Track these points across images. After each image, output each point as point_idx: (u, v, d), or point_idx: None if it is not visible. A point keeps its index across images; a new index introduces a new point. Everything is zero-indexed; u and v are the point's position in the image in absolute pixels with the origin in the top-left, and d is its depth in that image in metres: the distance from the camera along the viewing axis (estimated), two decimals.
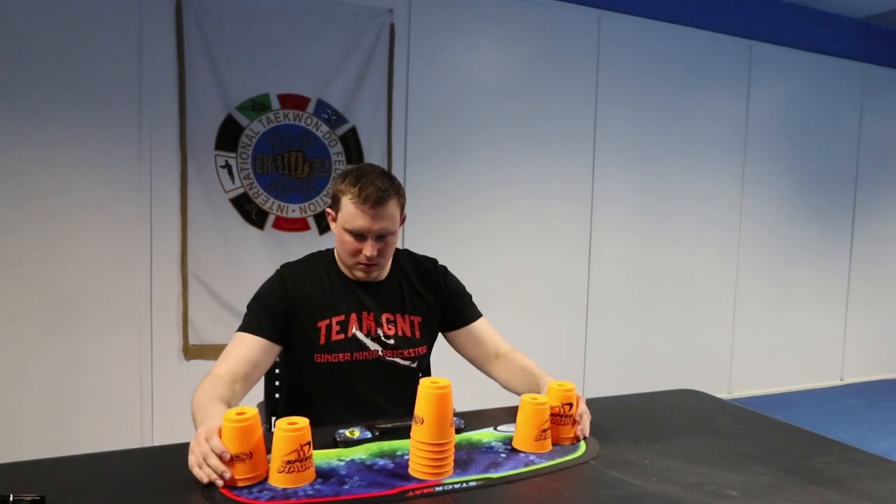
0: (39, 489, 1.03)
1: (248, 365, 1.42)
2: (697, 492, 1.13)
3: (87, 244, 2.83)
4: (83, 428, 2.86)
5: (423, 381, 1.16)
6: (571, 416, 1.33)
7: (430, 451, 1.14)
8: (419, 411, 1.15)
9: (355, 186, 1.42)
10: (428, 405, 1.14)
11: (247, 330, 1.46)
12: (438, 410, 1.14)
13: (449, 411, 1.15)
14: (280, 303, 1.49)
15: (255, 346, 1.44)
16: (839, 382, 4.93)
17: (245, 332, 1.46)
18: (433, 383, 1.15)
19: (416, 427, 1.15)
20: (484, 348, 1.62)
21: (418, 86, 3.39)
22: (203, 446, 1.09)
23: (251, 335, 1.45)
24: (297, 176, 3.12)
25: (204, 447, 1.08)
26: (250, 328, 1.46)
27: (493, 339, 1.63)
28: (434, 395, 1.14)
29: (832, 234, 4.81)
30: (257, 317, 1.47)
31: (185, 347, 3.01)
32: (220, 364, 1.42)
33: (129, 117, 2.85)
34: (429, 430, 1.13)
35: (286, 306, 1.49)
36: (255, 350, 1.44)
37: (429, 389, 1.14)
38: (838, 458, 1.32)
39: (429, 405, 1.14)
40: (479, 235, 3.60)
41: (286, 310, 1.49)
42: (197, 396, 1.34)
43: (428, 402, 1.14)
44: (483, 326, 1.64)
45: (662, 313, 4.17)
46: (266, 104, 3.04)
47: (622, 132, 3.93)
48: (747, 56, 4.29)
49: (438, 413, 1.14)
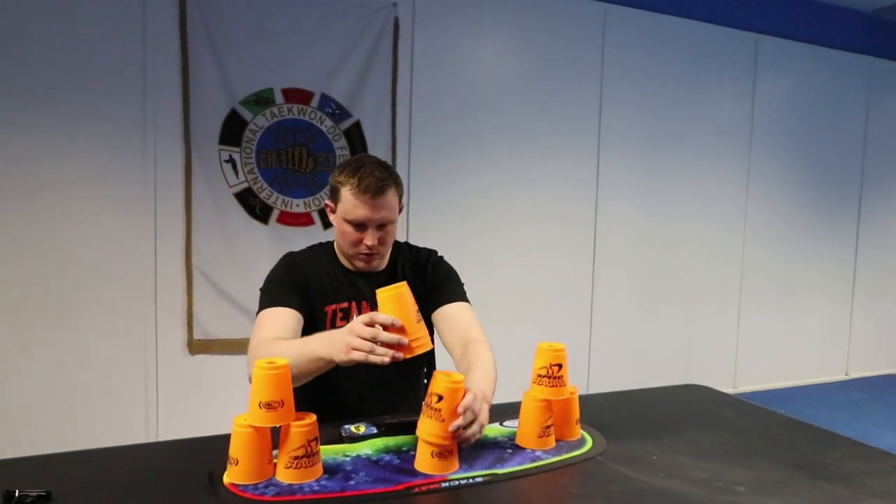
0: (45, 485, 1.03)
1: (290, 332, 1.39)
2: (705, 488, 1.12)
3: (91, 237, 2.83)
4: (88, 422, 2.86)
5: (437, 375, 1.15)
6: (561, 376, 1.27)
7: (438, 444, 1.13)
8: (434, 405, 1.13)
9: (354, 177, 1.42)
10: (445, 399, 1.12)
11: (275, 305, 1.43)
12: (451, 405, 1.13)
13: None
14: (296, 280, 1.50)
15: (289, 316, 1.42)
16: (844, 377, 4.92)
17: (273, 307, 1.43)
18: (447, 377, 1.14)
19: (427, 421, 1.14)
20: (453, 333, 1.51)
21: (423, 80, 3.37)
22: (367, 330, 1.12)
23: (282, 308, 1.42)
24: (302, 170, 3.11)
25: (368, 330, 1.12)
26: (278, 302, 1.43)
27: (464, 325, 1.51)
28: (449, 390, 1.12)
29: (838, 228, 4.78)
30: (280, 293, 1.45)
31: (190, 342, 3.01)
32: (260, 334, 1.38)
33: (132, 111, 2.85)
34: (440, 426, 1.12)
35: (301, 285, 1.50)
36: (291, 320, 1.42)
37: (444, 383, 1.13)
38: (846, 454, 1.32)
39: (445, 399, 1.12)
40: (484, 231, 3.59)
41: (301, 288, 1.49)
42: (279, 351, 1.22)
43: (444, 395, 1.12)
44: (458, 311, 1.54)
45: (667, 308, 4.16)
46: (270, 98, 3.03)
47: (627, 127, 3.91)
48: (753, 49, 4.26)
49: (451, 408, 1.12)
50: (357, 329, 1.13)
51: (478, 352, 1.40)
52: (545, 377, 1.27)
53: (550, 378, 1.27)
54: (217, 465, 1.14)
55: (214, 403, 3.04)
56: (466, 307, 1.57)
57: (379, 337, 1.11)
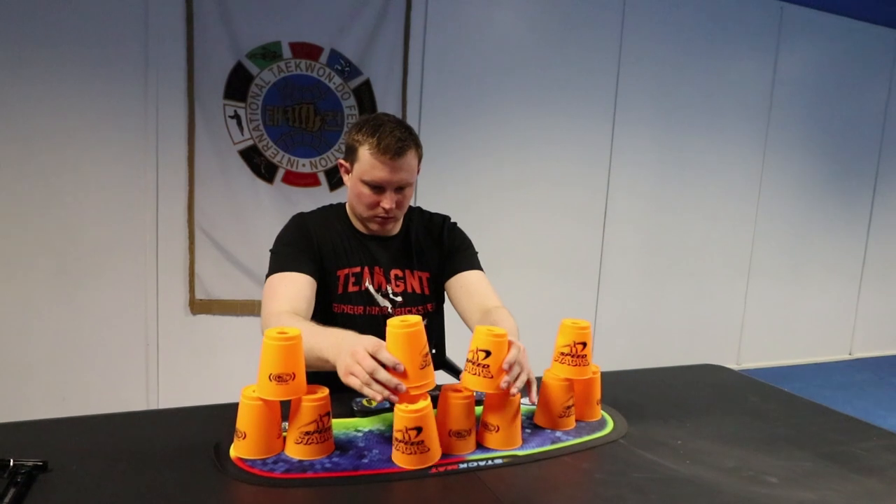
0: (42, 453, 0.98)
1: (305, 301, 1.33)
2: (735, 477, 1.07)
3: (90, 192, 2.74)
4: (87, 382, 2.82)
5: (479, 330, 1.10)
6: (585, 355, 1.21)
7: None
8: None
9: (373, 137, 1.34)
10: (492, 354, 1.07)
11: (287, 269, 1.36)
12: (498, 360, 1.08)
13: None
14: (309, 243, 1.43)
15: (302, 283, 1.35)
16: (848, 357, 4.89)
17: (286, 271, 1.36)
18: (490, 331, 1.09)
19: (474, 378, 1.09)
20: (471, 300, 1.48)
21: (436, 40, 3.24)
22: (367, 362, 1.01)
23: (295, 273, 1.35)
24: (308, 129, 3.01)
25: (369, 362, 1.01)
26: (291, 266, 1.36)
27: (482, 293, 1.48)
28: (495, 344, 1.07)
29: (851, 206, 4.69)
30: (292, 257, 1.39)
31: (192, 301, 2.95)
32: (273, 303, 1.30)
33: (134, 61, 2.73)
34: (489, 382, 1.07)
35: (313, 247, 1.43)
36: (304, 287, 1.35)
37: (488, 338, 1.08)
38: (877, 445, 1.26)
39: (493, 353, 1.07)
40: (493, 196, 3.50)
41: (314, 250, 1.42)
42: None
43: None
44: (475, 279, 1.51)
45: (675, 281, 4.10)
46: (277, 52, 2.91)
47: (645, 96, 3.79)
48: (777, 18, 4.11)
49: (498, 363, 1.07)
50: (359, 355, 1.02)
51: (503, 316, 1.36)
52: (568, 355, 1.21)
53: (574, 357, 1.21)
54: (223, 438, 1.09)
55: (215, 364, 3.00)
56: (482, 275, 1.54)
57: (376, 374, 1.00)
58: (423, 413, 1.02)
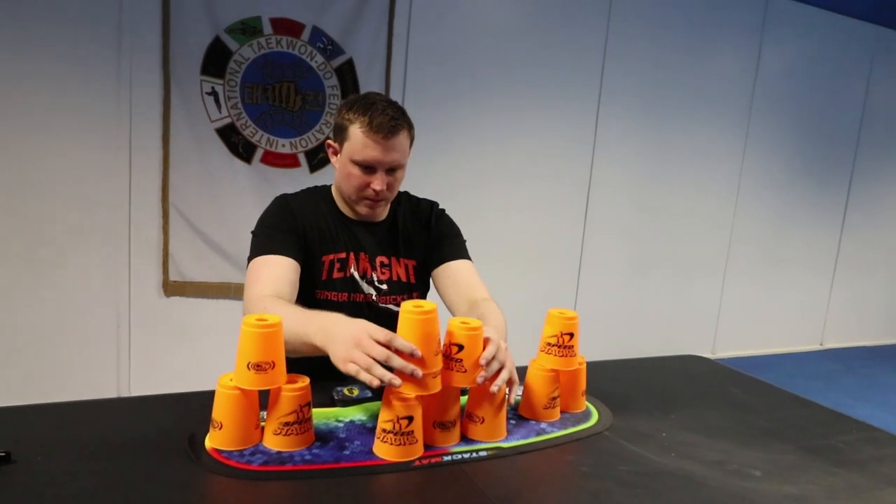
0: (5, 443, 0.93)
1: (289, 285, 1.28)
2: (720, 470, 1.07)
3: (60, 167, 2.64)
4: (54, 367, 2.74)
5: (452, 323, 1.06)
6: (572, 346, 1.19)
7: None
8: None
9: (365, 115, 1.29)
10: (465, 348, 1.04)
11: (270, 252, 1.31)
12: (473, 355, 1.04)
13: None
14: (293, 225, 1.37)
15: (286, 267, 1.30)
16: (819, 347, 4.99)
17: (269, 254, 1.31)
18: (464, 324, 1.04)
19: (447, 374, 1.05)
20: (459, 291, 1.44)
21: (421, 21, 3.17)
22: (377, 351, 0.96)
23: (278, 256, 1.30)
24: (289, 108, 2.93)
25: (379, 350, 0.96)
26: (274, 249, 1.31)
27: (470, 284, 1.45)
28: (468, 338, 1.03)
29: (828, 199, 4.75)
30: (275, 239, 1.34)
31: (165, 283, 2.88)
32: (256, 287, 1.25)
33: (106, 34, 2.62)
34: (463, 377, 1.04)
35: (297, 230, 1.37)
36: (287, 271, 1.30)
37: (462, 330, 1.04)
38: (858, 438, 1.27)
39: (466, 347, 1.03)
40: (476, 183, 3.46)
41: (298, 234, 1.37)
42: (274, 311, 1.12)
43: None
44: (463, 269, 1.47)
45: (653, 273, 4.12)
46: (257, 28, 2.82)
47: (630, 87, 3.77)
48: (762, 10, 4.11)
49: (473, 358, 1.04)
50: (366, 345, 0.97)
51: (490, 309, 1.33)
52: (555, 346, 1.19)
53: (561, 347, 1.19)
54: (198, 427, 1.05)
55: (190, 349, 2.94)
56: (471, 265, 1.50)
57: (391, 362, 0.96)
58: (415, 402, 0.99)
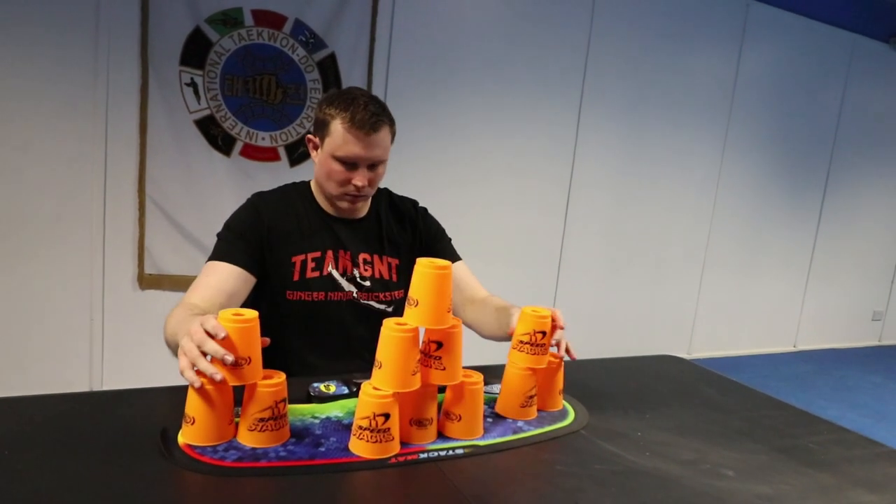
0: None
1: (224, 295, 1.28)
2: (693, 470, 1.08)
3: (34, 160, 2.59)
4: (24, 360, 2.69)
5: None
6: (544, 344, 1.20)
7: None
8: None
9: (347, 111, 1.29)
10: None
11: (220, 258, 1.32)
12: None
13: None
14: (254, 231, 1.36)
15: (230, 274, 1.31)
16: (792, 349, 5.07)
17: (218, 260, 1.32)
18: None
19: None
20: (461, 292, 1.50)
21: (404, 17, 3.16)
22: (198, 335, 0.93)
23: (225, 263, 1.31)
24: (269, 101, 2.90)
25: (199, 335, 0.93)
26: (223, 256, 1.32)
27: (471, 283, 1.53)
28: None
29: (803, 204, 4.83)
30: (230, 244, 1.34)
31: (141, 276, 2.84)
32: (193, 293, 1.27)
33: (83, 22, 2.57)
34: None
35: (260, 235, 1.37)
36: (230, 279, 1.30)
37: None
38: (828, 438, 1.29)
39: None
40: (456, 180, 3.46)
41: (261, 239, 1.37)
42: (172, 321, 1.17)
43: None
44: (461, 270, 1.54)
45: (632, 273, 4.16)
46: (238, 19, 2.79)
47: (612, 87, 3.79)
48: (743, 15, 4.16)
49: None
50: (192, 330, 0.94)
51: (503, 301, 1.43)
52: (527, 344, 1.19)
53: (533, 345, 1.19)
54: (171, 423, 1.03)
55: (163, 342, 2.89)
56: (465, 266, 1.55)
57: (203, 346, 0.92)
58: (392, 399, 0.99)
